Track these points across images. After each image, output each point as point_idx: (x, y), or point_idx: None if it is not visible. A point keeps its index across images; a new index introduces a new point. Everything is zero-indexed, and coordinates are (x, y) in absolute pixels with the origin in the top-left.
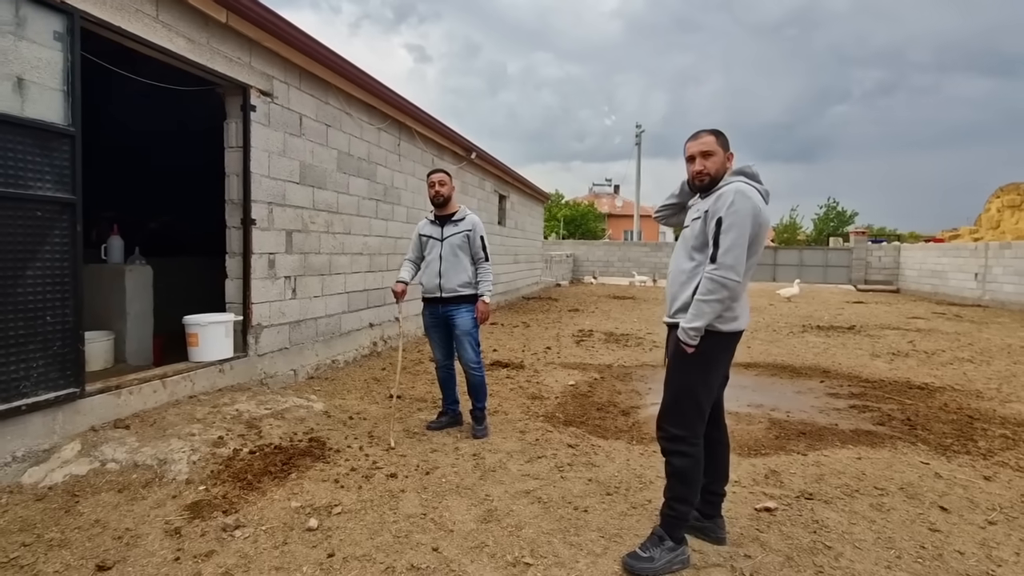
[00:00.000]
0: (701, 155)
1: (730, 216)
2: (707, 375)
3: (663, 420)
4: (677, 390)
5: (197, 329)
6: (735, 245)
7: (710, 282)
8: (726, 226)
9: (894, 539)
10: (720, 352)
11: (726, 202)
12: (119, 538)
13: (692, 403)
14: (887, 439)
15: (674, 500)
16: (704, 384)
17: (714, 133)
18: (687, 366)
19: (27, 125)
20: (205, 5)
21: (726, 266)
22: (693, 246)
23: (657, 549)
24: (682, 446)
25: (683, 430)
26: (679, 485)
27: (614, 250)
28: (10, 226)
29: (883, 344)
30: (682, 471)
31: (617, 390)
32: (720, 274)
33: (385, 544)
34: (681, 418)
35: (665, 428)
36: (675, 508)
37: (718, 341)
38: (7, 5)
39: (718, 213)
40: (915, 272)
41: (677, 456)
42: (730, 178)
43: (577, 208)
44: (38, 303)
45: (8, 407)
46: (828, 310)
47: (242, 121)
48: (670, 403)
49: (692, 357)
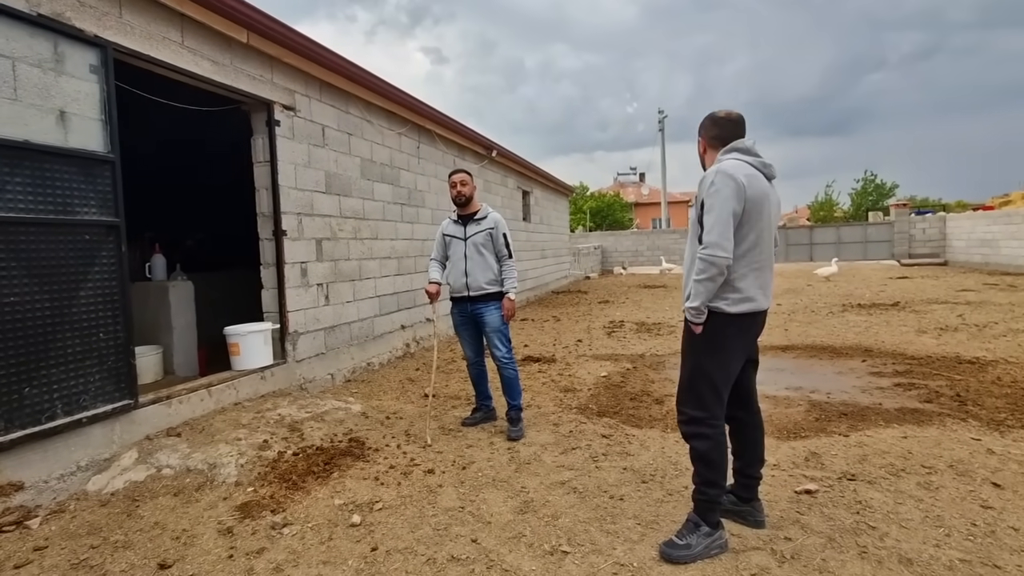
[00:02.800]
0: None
1: (710, 196)
2: (718, 356)
3: (680, 403)
4: (690, 372)
5: (238, 339)
6: (717, 222)
7: (700, 261)
8: (707, 206)
9: (943, 517)
10: (731, 333)
11: (706, 183)
12: (177, 538)
13: (707, 384)
14: (935, 416)
15: (703, 484)
16: (717, 365)
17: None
18: (696, 347)
19: (71, 155)
20: (227, 27)
21: (712, 244)
22: (691, 234)
23: (693, 536)
24: (702, 428)
25: (701, 411)
26: (705, 469)
27: (643, 239)
28: (62, 250)
29: (930, 319)
30: (705, 454)
31: (650, 379)
32: (707, 252)
33: (425, 537)
34: (697, 400)
35: (683, 411)
36: (705, 492)
37: (727, 322)
38: (47, 44)
39: (701, 195)
40: (963, 243)
41: (698, 439)
42: (721, 157)
43: (603, 199)
44: (92, 321)
45: (71, 420)
46: (870, 287)
47: (268, 136)
48: (685, 385)
49: (700, 338)
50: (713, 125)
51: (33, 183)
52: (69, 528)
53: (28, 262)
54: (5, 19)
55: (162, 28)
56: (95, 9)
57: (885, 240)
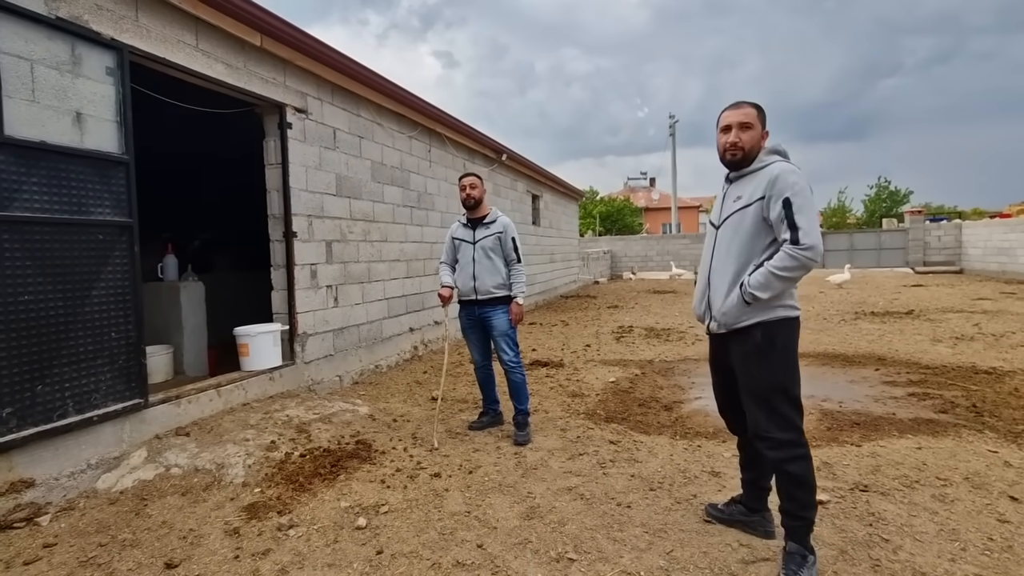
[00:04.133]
0: (739, 126)
1: (798, 196)
2: (793, 365)
3: (765, 430)
4: (770, 393)
5: (247, 340)
6: (813, 223)
7: (791, 259)
8: (798, 206)
9: (958, 531)
10: (796, 339)
11: (787, 182)
12: (184, 538)
13: (789, 401)
14: (950, 427)
15: (803, 510)
16: (795, 376)
17: (755, 106)
18: (775, 365)
19: (87, 156)
20: (241, 31)
21: (813, 245)
22: (748, 237)
23: (804, 570)
24: (794, 450)
25: (789, 432)
26: (803, 492)
27: (652, 244)
28: (76, 250)
29: (945, 328)
30: (802, 476)
31: (659, 385)
32: (808, 254)
33: (431, 541)
34: (783, 421)
35: (770, 438)
36: (805, 517)
37: (794, 328)
38: (65, 46)
39: (783, 194)
40: (979, 251)
41: (792, 463)
42: (767, 158)
43: (612, 204)
44: (104, 320)
45: (82, 418)
46: (883, 295)
47: (279, 138)
48: (767, 409)
49: (775, 353)
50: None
51: (49, 183)
52: (78, 526)
53: (43, 261)
54: (25, 22)
55: (177, 31)
56: (112, 12)
57: (899, 247)
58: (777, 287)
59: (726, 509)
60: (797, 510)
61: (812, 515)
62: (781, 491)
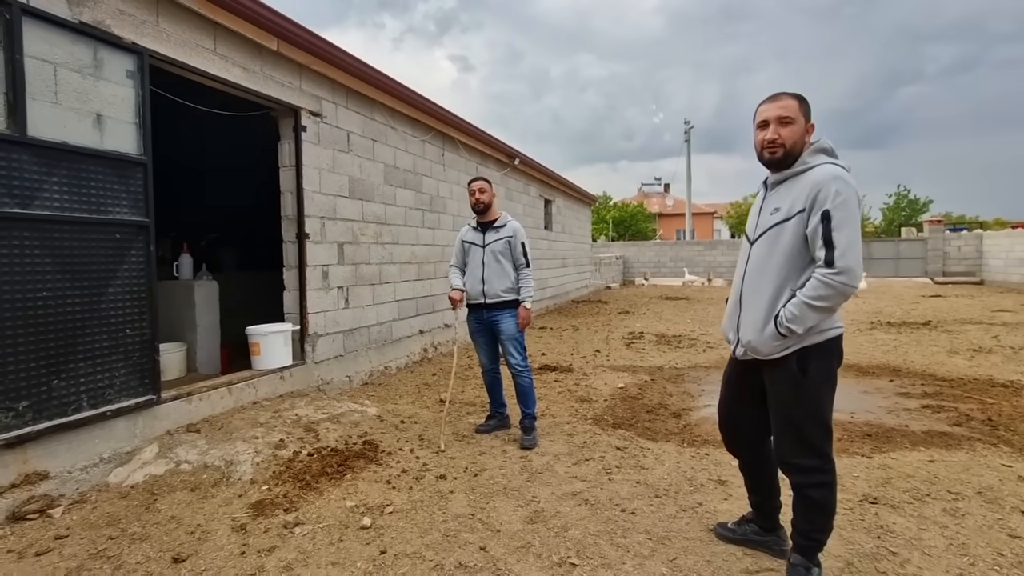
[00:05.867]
0: (778, 121)
1: (840, 208)
2: (830, 390)
3: (791, 456)
4: (801, 422)
5: (259, 339)
6: (852, 243)
7: (825, 287)
8: (837, 221)
9: (968, 545)
10: (839, 359)
11: (829, 192)
12: (192, 533)
13: (821, 427)
14: (964, 440)
15: (814, 532)
16: (829, 402)
17: (796, 97)
18: (808, 393)
19: (107, 156)
20: (258, 35)
21: (848, 269)
22: (786, 256)
23: None
24: (819, 476)
25: (817, 459)
26: (820, 517)
27: (665, 250)
28: (94, 248)
29: (963, 340)
30: (822, 502)
31: (668, 392)
32: (842, 280)
33: (434, 542)
34: (812, 447)
35: (795, 464)
36: (816, 539)
37: (833, 348)
38: (87, 50)
39: (823, 206)
40: (1001, 261)
41: (815, 489)
42: (812, 159)
43: (626, 209)
44: (119, 317)
45: (96, 412)
46: (900, 305)
47: (294, 141)
48: (795, 437)
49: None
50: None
51: (69, 183)
52: (90, 518)
53: (61, 259)
54: (49, 26)
55: (196, 36)
56: (134, 17)
57: (918, 257)
58: (812, 318)
59: (737, 529)
60: (811, 531)
61: (825, 538)
62: (797, 511)
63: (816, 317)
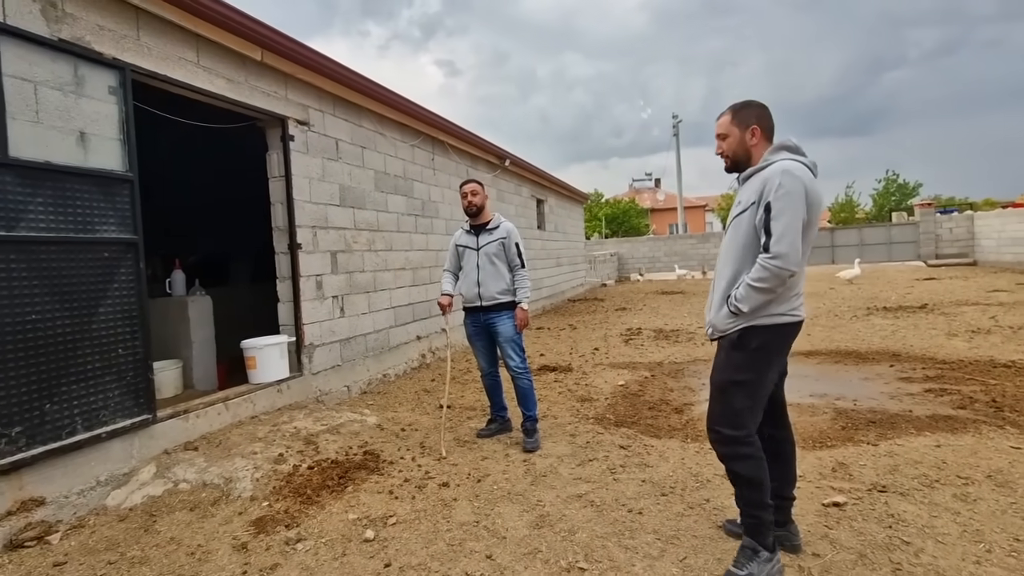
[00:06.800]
0: (718, 137)
1: (779, 200)
2: (761, 369)
3: (715, 422)
4: (727, 387)
5: (254, 352)
6: (788, 230)
7: (763, 270)
8: (776, 211)
9: (983, 532)
10: (779, 345)
11: (773, 185)
12: (192, 554)
13: (746, 401)
14: (970, 423)
15: (750, 507)
16: (759, 380)
17: (730, 110)
18: (741, 361)
19: (91, 174)
20: (241, 46)
21: (781, 254)
22: (741, 245)
23: (753, 563)
24: (739, 447)
25: (737, 430)
26: (749, 490)
27: (659, 245)
28: (83, 267)
29: (960, 322)
30: (747, 476)
31: (669, 387)
32: (776, 263)
33: (439, 553)
34: (735, 417)
35: (718, 430)
36: (755, 515)
37: (778, 333)
38: (67, 67)
39: (767, 198)
40: (993, 242)
41: (736, 461)
42: (773, 156)
43: (618, 205)
44: (111, 337)
45: (91, 435)
46: (895, 290)
47: (282, 151)
48: (721, 401)
49: (743, 352)
50: (765, 115)
51: (54, 203)
52: (88, 543)
53: (49, 280)
54: (28, 44)
55: (178, 49)
56: (114, 32)
57: (910, 241)
58: (756, 299)
59: None
60: (746, 507)
61: (764, 515)
62: (734, 488)
63: (759, 298)
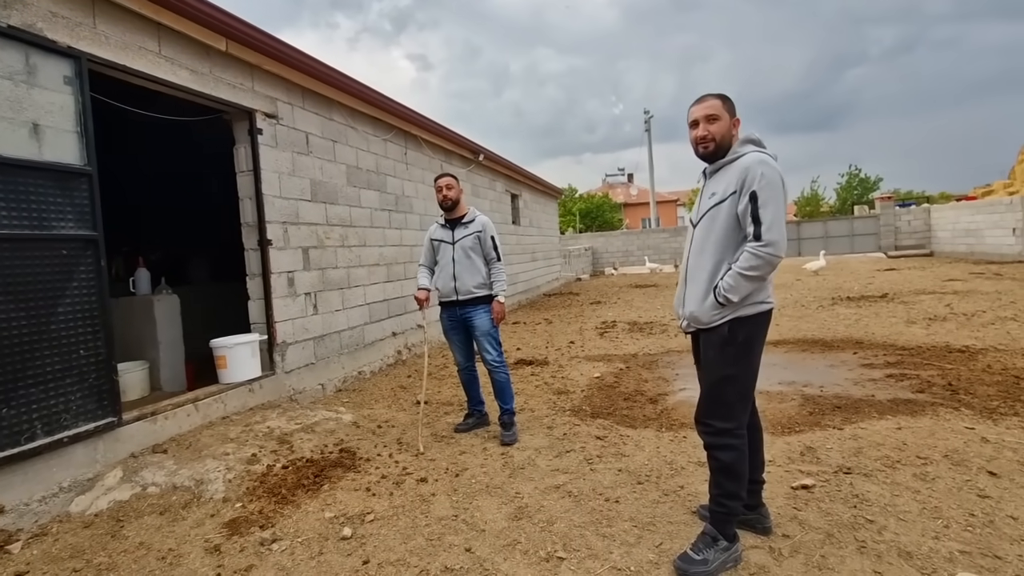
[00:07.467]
0: (706, 119)
1: (764, 189)
2: (752, 360)
3: (707, 415)
4: (720, 381)
5: (224, 351)
6: (777, 218)
7: (755, 258)
8: (763, 199)
9: (941, 508)
10: (761, 334)
11: (755, 175)
12: (163, 559)
13: (737, 393)
14: (928, 406)
15: (723, 496)
16: (750, 371)
17: (719, 97)
18: (732, 356)
19: (46, 168)
20: (205, 36)
21: (774, 242)
22: (722, 235)
23: (711, 550)
24: (728, 439)
25: (729, 422)
26: (728, 481)
27: (632, 239)
28: (38, 266)
29: (918, 310)
30: (729, 465)
31: (644, 379)
32: (769, 251)
33: (418, 548)
34: (727, 410)
35: (709, 423)
36: (725, 504)
37: (760, 322)
38: (18, 55)
39: (750, 187)
40: (948, 233)
41: (724, 451)
42: (741, 148)
43: (592, 200)
44: (71, 338)
45: (51, 440)
46: (858, 280)
47: (250, 145)
48: (714, 396)
49: (734, 345)
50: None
51: (6, 198)
52: (51, 552)
53: (3, 279)
54: None
55: (138, 38)
56: (68, 19)
57: (871, 233)
58: (746, 287)
59: None
60: (720, 496)
61: (734, 506)
62: (711, 475)
63: (749, 286)
